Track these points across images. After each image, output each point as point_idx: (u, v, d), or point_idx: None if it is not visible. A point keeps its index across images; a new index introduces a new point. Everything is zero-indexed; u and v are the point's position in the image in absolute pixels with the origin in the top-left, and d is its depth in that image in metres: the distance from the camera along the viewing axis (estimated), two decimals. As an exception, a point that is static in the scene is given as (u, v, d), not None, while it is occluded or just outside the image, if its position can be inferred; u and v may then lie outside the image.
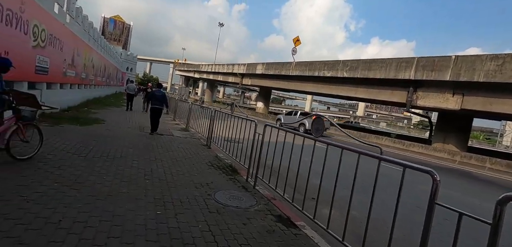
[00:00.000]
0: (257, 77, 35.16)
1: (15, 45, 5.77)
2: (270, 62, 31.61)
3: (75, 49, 10.72)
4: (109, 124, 9.02)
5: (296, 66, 27.07)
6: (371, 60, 19.51)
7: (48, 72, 7.99)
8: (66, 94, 10.27)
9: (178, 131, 10.08)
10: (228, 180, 4.99)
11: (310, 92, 30.20)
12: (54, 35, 8.19)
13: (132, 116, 12.53)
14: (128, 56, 42.07)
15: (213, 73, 50.22)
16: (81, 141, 5.92)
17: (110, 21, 44.96)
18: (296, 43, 28.62)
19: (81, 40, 11.82)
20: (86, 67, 13.07)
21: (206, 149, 7.48)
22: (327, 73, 23.01)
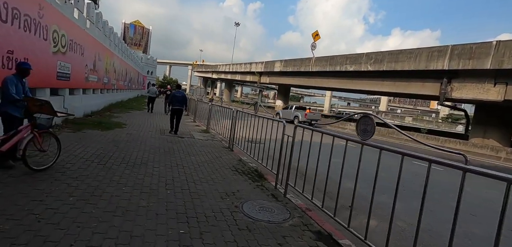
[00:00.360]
0: (276, 75, 34.52)
1: (35, 51, 5.66)
2: (289, 59, 30.86)
3: (96, 54, 10.76)
4: (131, 127, 8.90)
5: (316, 62, 26.15)
6: (398, 51, 18.26)
7: (70, 78, 7.97)
8: (89, 100, 10.33)
9: (198, 133, 9.80)
10: (255, 187, 4.53)
11: (331, 88, 29.13)
12: (75, 41, 8.16)
13: (153, 118, 12.47)
14: (148, 60, 43.04)
15: (231, 73, 50.19)
16: (102, 147, 5.73)
17: (130, 27, 46.26)
18: (316, 38, 27.66)
19: (102, 45, 11.89)
20: (107, 72, 13.20)
21: (228, 152, 7.09)
22: (350, 68, 21.94)
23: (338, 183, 3.28)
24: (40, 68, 6.02)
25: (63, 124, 7.51)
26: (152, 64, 44.46)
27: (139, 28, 46.96)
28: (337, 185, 3.30)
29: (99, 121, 8.88)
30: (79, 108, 9.11)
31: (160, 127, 10.08)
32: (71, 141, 5.81)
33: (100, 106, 12.22)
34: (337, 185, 3.31)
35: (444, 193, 5.74)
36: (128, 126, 9.02)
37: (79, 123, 7.97)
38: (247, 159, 6.51)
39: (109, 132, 7.55)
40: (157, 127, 9.97)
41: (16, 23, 4.91)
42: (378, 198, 2.71)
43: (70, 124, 7.64)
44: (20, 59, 5.11)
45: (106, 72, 12.96)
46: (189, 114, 16.29)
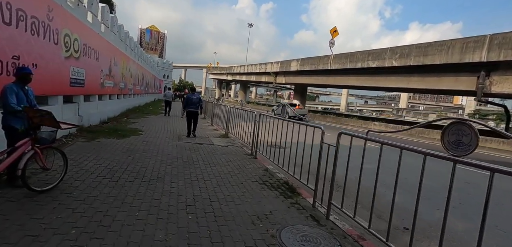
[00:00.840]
0: (292, 74, 33.62)
1: (45, 56, 5.26)
2: (306, 58, 29.90)
3: (112, 59, 10.47)
4: (147, 134, 8.46)
5: (335, 59, 25.05)
6: (427, 44, 16.92)
7: (85, 84, 7.62)
8: (105, 106, 10.03)
9: (217, 138, 9.22)
10: (289, 205, 3.83)
11: (351, 87, 27.85)
12: (89, 45, 7.81)
13: (169, 123, 12.08)
14: (164, 64, 43.42)
15: (246, 74, 49.73)
16: (116, 158, 5.24)
17: (146, 32, 46.92)
18: (334, 34, 26.55)
19: (118, 50, 11.62)
20: (124, 77, 12.96)
21: (251, 160, 6.43)
22: (372, 64, 20.72)
23: (384, 199, 2.52)
24: (51, 75, 5.63)
25: (77, 132, 7.16)
26: (168, 68, 44.85)
27: (155, 32, 47.54)
28: (384, 201, 2.54)
29: (115, 128, 8.51)
30: (94, 115, 8.78)
31: (177, 132, 9.60)
32: (84, 152, 5.37)
33: (117, 112, 11.96)
34: (384, 201, 2.54)
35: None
36: (144, 133, 8.59)
37: (94, 131, 7.60)
38: (273, 168, 5.82)
39: (124, 140, 7.11)
40: (174, 132, 9.50)
41: (22, 26, 4.49)
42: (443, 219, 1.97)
43: (84, 133, 7.27)
44: (28, 65, 4.70)
45: (122, 77, 12.72)
46: (206, 117, 15.84)
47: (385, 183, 2.69)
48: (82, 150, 5.57)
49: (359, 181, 3.15)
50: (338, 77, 25.83)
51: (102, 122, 9.41)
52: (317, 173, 3.92)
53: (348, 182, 3.44)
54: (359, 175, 3.17)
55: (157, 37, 47.83)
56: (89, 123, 8.24)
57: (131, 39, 15.77)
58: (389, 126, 19.32)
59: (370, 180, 3.07)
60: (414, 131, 17.78)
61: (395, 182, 2.68)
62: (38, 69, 5.04)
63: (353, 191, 3.45)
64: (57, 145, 3.83)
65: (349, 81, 24.72)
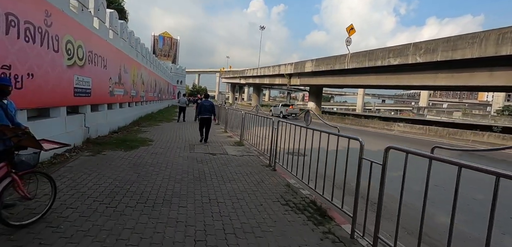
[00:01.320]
0: (307, 75, 32.69)
1: (43, 65, 4.81)
2: (321, 58, 28.91)
3: (121, 66, 10.11)
4: (157, 144, 7.95)
5: (352, 58, 23.94)
6: (456, 37, 15.60)
7: (91, 93, 7.21)
8: (115, 115, 9.66)
9: (231, 146, 8.58)
10: (321, 237, 3.10)
11: (371, 86, 26.53)
12: (95, 52, 7.41)
13: (182, 129, 11.60)
14: (178, 70, 43.62)
15: (259, 77, 49.18)
16: (120, 175, 4.69)
17: (159, 38, 47.42)
18: (351, 32, 25.42)
19: (128, 57, 11.29)
20: (135, 84, 12.65)
21: (270, 173, 5.72)
22: (394, 61, 19.50)
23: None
24: (52, 85, 5.19)
25: (83, 145, 6.73)
26: (181, 73, 45.06)
27: (168, 39, 47.96)
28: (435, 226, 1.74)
29: (123, 139, 8.06)
30: (103, 126, 8.38)
31: (190, 140, 9.05)
32: (86, 169, 4.86)
33: (128, 121, 11.61)
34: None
35: None
36: (154, 143, 8.09)
37: (101, 143, 7.16)
38: (295, 182, 5.09)
39: (132, 152, 6.60)
40: (186, 140, 8.96)
41: (13, 33, 4.03)
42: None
43: (91, 144, 6.84)
44: (22, 75, 4.24)
45: (134, 84, 12.40)
46: (219, 123, 15.31)
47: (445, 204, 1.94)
48: (84, 166, 5.07)
49: (423, 208, 2.36)
50: (356, 77, 24.67)
51: (112, 132, 9.02)
52: (356, 193, 3.16)
53: (392, 204, 2.65)
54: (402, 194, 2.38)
55: (170, 43, 48.21)
56: (97, 134, 7.84)
57: (142, 46, 15.53)
58: (415, 127, 17.98)
59: (421, 201, 2.28)
60: (445, 132, 16.40)
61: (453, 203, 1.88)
62: (35, 79, 4.59)
63: (403, 219, 2.66)
64: (43, 168, 3.30)
65: (368, 81, 23.52)
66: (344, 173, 3.54)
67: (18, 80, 4.17)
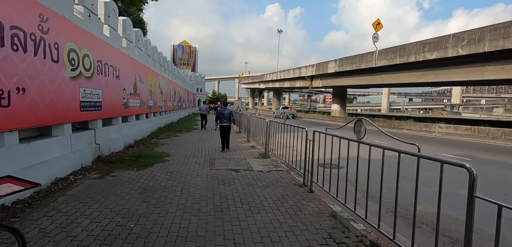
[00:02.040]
0: (329, 77, 31.12)
1: (38, 78, 4.14)
2: (345, 57, 27.30)
3: (136, 76, 9.53)
4: (174, 159, 7.16)
5: (380, 55, 22.18)
6: (507, 23, 13.57)
7: (102, 106, 6.56)
8: (130, 128, 9.05)
9: (256, 159, 7.59)
10: None
11: (403, 85, 24.48)
12: (106, 62, 6.78)
13: (202, 139, 10.83)
14: (197, 78, 43.69)
15: (279, 80, 48.13)
16: (126, 206, 3.85)
17: (179, 47, 47.94)
18: (377, 27, 23.66)
19: (144, 66, 10.75)
20: (152, 94, 12.12)
21: (307, 196, 4.64)
22: (430, 56, 17.61)
23: None
24: (50, 100, 4.50)
25: (93, 164, 6.05)
26: (201, 81, 45.10)
27: (186, 47, 48.37)
28: None
29: (138, 154, 7.35)
30: (117, 141, 7.75)
31: (209, 153, 8.20)
32: (88, 198, 4.08)
33: (146, 133, 11.04)
34: None
35: None
36: (171, 158, 7.30)
37: (113, 161, 6.47)
38: (341, 209, 3.98)
39: (146, 171, 5.81)
40: (206, 154, 8.11)
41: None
42: None
43: (101, 164, 6.15)
44: (8, 90, 3.54)
45: (151, 94, 11.85)
46: (241, 131, 14.42)
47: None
48: (87, 193, 4.31)
49: None
50: (385, 75, 22.83)
51: (127, 147, 8.38)
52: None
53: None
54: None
55: (189, 52, 48.58)
56: (110, 150, 7.19)
57: (160, 54, 15.10)
58: (460, 128, 15.92)
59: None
60: (499, 132, 14.28)
61: None
62: (27, 94, 3.90)
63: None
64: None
65: (399, 79, 21.61)
66: (414, 199, 2.41)
67: (3, 96, 3.47)
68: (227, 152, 8.71)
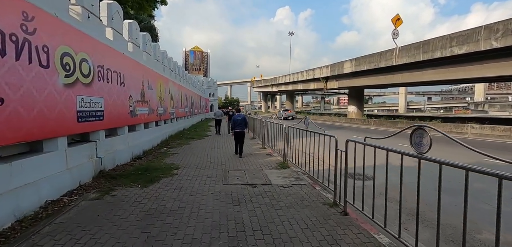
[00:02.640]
0: (345, 77, 29.89)
1: (22, 85, 3.55)
2: (362, 56, 26.04)
3: (144, 82, 8.98)
4: (184, 172, 6.46)
5: (402, 52, 20.85)
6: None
7: (104, 116, 5.98)
8: (138, 138, 8.48)
9: (274, 170, 6.78)
10: None
11: (427, 83, 22.89)
12: (108, 68, 6.21)
13: (214, 148, 10.15)
14: (209, 83, 43.43)
15: (292, 83, 47.14)
16: (122, 237, 3.15)
17: (190, 53, 47.95)
18: (397, 23, 22.33)
19: (152, 71, 10.22)
20: (162, 100, 11.58)
21: (341, 219, 3.79)
22: (458, 50, 16.21)
23: None
24: (40, 110, 3.90)
25: (93, 181, 5.44)
26: (213, 86, 44.81)
27: (198, 53, 48.30)
28: None
29: (146, 167, 6.72)
30: (123, 152, 7.16)
31: (223, 163, 7.47)
32: (78, 228, 3.41)
33: (156, 142, 10.47)
34: None
35: None
36: (181, 171, 6.61)
37: (116, 176, 5.84)
38: (388, 240, 3.11)
39: (151, 187, 5.13)
40: (219, 163, 7.40)
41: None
42: None
43: (103, 179, 5.53)
44: (-20, 101, 2.92)
45: (161, 101, 11.32)
46: (255, 137, 13.66)
47: None
48: (79, 220, 3.64)
49: None
50: (406, 73, 21.44)
51: (135, 158, 7.79)
52: None
53: None
54: None
55: (201, 57, 48.49)
56: (114, 163, 6.59)
57: (170, 60, 14.62)
58: (497, 129, 14.41)
59: None
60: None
61: None
62: (6, 106, 3.29)
63: None
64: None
65: (423, 77, 20.18)
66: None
67: (-29, 109, 2.85)
68: (241, 160, 7.99)
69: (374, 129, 20.93)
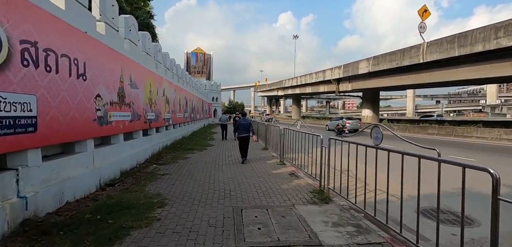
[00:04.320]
0: (361, 78, 27.40)
1: None
2: (380, 55, 23.59)
3: (124, 78, 6.64)
4: (172, 214, 4.04)
5: (430, 48, 18.35)
6: None
7: (37, 125, 3.60)
8: (113, 154, 6.10)
9: (312, 207, 4.32)
10: None
11: (463, 82, 20.31)
12: (50, 48, 3.85)
13: (221, 162, 7.76)
14: (212, 86, 41.04)
15: (299, 86, 44.77)
16: None
17: (192, 55, 45.73)
18: (424, 15, 19.85)
19: (140, 66, 7.92)
20: (153, 104, 9.22)
21: None
22: (508, 42, 13.68)
23: None
24: None
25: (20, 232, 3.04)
26: (216, 90, 42.44)
27: (201, 55, 46.05)
28: None
29: (114, 203, 4.31)
30: (84, 178, 4.77)
31: (233, 192, 5.03)
32: None
33: (143, 157, 8.10)
34: None
35: None
36: (167, 210, 4.19)
37: (53, 227, 3.40)
38: None
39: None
40: (227, 194, 4.98)
41: None
42: None
43: (24, 237, 3.12)
44: None
45: (151, 104, 8.96)
46: (268, 147, 11.25)
47: None
48: None
49: None
50: (436, 72, 18.90)
51: (105, 186, 5.41)
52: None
53: None
54: None
55: (203, 59, 46.23)
56: (63, 200, 4.19)
57: (166, 56, 12.32)
58: None
59: None
60: None
61: None
62: None
63: None
64: None
65: (458, 75, 17.62)
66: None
67: None
68: (259, 186, 5.57)
69: (419, 136, 18.07)
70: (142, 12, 21.25)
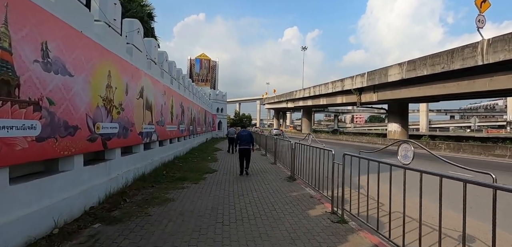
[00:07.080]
0: (389, 87, 23.52)
1: None
2: (418, 58, 19.77)
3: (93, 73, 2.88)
4: None
5: (493, 46, 14.49)
6: None
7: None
8: (61, 190, 2.36)
9: None
10: None
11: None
12: None
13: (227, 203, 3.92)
14: (217, 96, 37.27)
15: (312, 97, 40.97)
16: None
17: (196, 62, 42.48)
18: (483, 6, 16.11)
19: (126, 63, 4.35)
20: (132, 111, 5.51)
21: None
22: None
23: None
24: None
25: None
26: (222, 100, 38.60)
27: (205, 61, 42.76)
28: None
29: None
30: None
31: None
32: None
33: (117, 186, 4.25)
34: None
35: None
36: None
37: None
38: None
39: None
40: None
41: None
42: None
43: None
44: None
45: (109, 108, 5.20)
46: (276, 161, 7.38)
47: None
48: None
49: None
50: (501, 77, 14.93)
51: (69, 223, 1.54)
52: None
53: None
54: None
55: (208, 67, 42.91)
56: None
57: (151, 43, 8.69)
58: None
59: None
60: None
61: None
62: None
63: None
64: None
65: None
66: None
67: None
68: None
69: (479, 159, 14.03)
70: (135, 4, 18.01)
